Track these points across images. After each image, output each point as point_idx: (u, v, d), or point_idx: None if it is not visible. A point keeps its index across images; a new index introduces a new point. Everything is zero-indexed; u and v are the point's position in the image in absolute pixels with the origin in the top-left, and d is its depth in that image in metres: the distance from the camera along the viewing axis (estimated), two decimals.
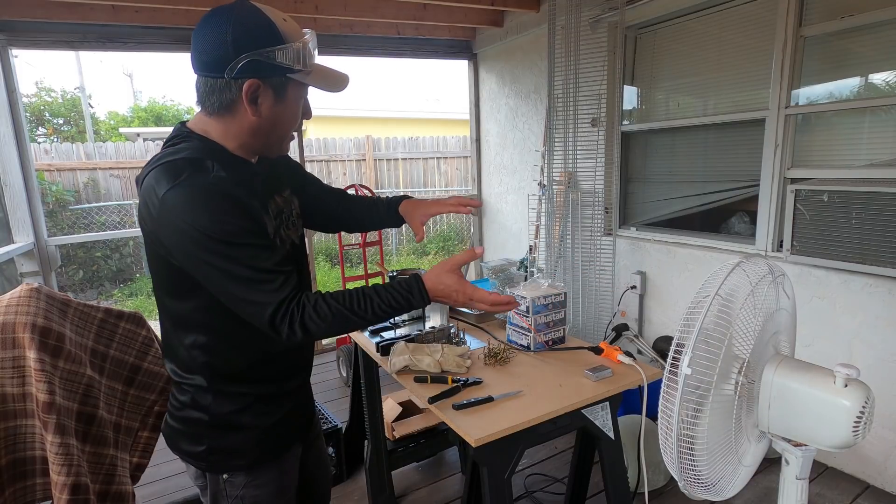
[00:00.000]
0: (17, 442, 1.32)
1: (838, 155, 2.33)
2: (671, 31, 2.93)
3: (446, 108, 11.85)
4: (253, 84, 0.94)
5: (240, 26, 0.91)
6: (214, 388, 1.10)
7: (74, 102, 10.04)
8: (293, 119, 1.04)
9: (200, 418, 1.12)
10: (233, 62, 0.91)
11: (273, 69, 0.94)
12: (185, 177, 0.92)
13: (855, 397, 0.93)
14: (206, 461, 1.15)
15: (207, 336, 1.07)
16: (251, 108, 0.96)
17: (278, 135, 1.05)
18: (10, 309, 1.29)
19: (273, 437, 1.17)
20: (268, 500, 1.17)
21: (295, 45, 0.95)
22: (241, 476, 1.15)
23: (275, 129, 1.02)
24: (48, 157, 6.79)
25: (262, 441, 1.15)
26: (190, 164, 0.94)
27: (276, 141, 1.06)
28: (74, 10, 2.95)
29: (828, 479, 2.31)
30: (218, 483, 1.16)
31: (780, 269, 1.11)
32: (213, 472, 1.15)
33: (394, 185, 8.64)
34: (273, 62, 0.93)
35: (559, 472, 2.40)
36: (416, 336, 1.66)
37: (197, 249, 0.93)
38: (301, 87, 1.01)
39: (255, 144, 1.04)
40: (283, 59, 0.94)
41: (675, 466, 1.02)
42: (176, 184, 0.91)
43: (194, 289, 1.00)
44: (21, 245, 3.03)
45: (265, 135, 1.02)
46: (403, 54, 4.14)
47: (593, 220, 3.20)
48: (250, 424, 1.13)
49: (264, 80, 0.95)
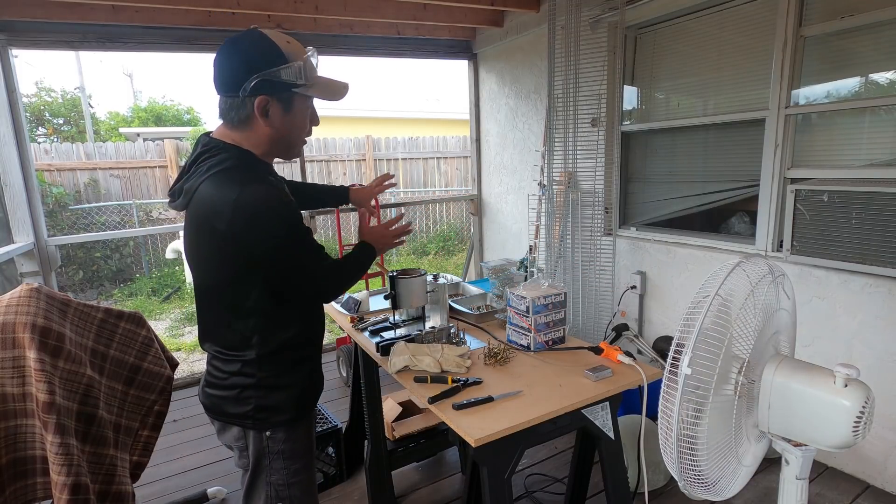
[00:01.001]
0: (17, 441, 1.33)
1: (838, 155, 2.33)
2: (671, 31, 2.93)
3: (446, 108, 11.84)
4: (263, 100, 1.13)
5: (249, 52, 1.12)
6: (261, 359, 1.26)
7: (74, 102, 10.04)
8: (302, 127, 1.23)
9: (248, 383, 1.27)
10: (245, 83, 1.11)
11: (279, 86, 1.13)
12: (248, 180, 1.12)
13: (855, 397, 0.93)
14: (252, 419, 1.29)
15: (262, 320, 1.24)
16: (264, 121, 1.16)
17: (291, 141, 1.24)
18: (10, 309, 1.29)
19: (306, 394, 1.36)
20: (302, 453, 1.36)
21: (296, 63, 1.13)
22: (281, 432, 1.31)
23: (287, 137, 1.22)
24: (48, 157, 6.79)
25: (298, 398, 1.33)
26: (245, 170, 1.15)
27: (291, 146, 1.26)
28: (74, 10, 2.95)
29: (828, 479, 2.31)
30: (262, 440, 1.30)
31: (780, 269, 1.11)
32: (257, 430, 1.30)
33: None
34: (279, 80, 1.12)
35: (559, 472, 2.40)
36: (416, 336, 1.66)
37: (278, 238, 1.14)
38: (306, 98, 1.20)
39: (274, 151, 1.24)
40: (288, 77, 1.13)
41: (675, 466, 1.02)
42: (243, 189, 1.10)
43: (257, 283, 1.19)
44: (21, 245, 3.03)
45: (279, 142, 1.21)
46: (403, 54, 4.13)
47: (593, 220, 3.20)
48: (289, 383, 1.31)
49: (273, 96, 1.14)
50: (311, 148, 7.97)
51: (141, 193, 7.21)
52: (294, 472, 1.35)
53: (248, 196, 1.09)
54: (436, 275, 1.83)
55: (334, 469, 2.38)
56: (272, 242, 1.13)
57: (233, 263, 1.17)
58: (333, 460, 2.37)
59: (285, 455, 1.33)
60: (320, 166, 8.04)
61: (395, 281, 1.71)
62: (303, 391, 1.35)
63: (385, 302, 1.76)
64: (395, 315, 1.86)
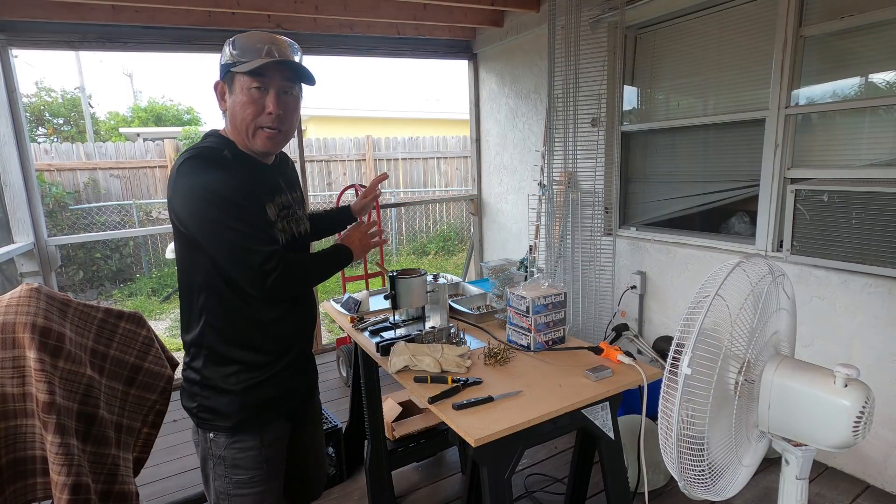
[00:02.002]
0: (17, 441, 1.32)
1: (838, 155, 2.33)
2: (671, 31, 2.93)
3: (446, 108, 11.85)
4: (217, 85, 1.24)
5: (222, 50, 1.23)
6: (207, 351, 1.27)
7: (74, 102, 10.04)
8: (242, 106, 1.21)
9: (194, 378, 1.30)
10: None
11: (223, 69, 1.21)
12: (200, 151, 1.19)
13: (855, 397, 0.93)
14: (196, 417, 1.31)
15: (209, 298, 1.24)
16: (221, 104, 1.25)
17: (239, 125, 1.23)
18: (10, 309, 1.29)
19: (255, 406, 1.30)
20: (247, 465, 1.31)
21: (230, 44, 1.19)
22: (223, 437, 1.29)
23: (236, 120, 1.23)
24: (48, 157, 6.79)
25: (243, 408, 1.28)
26: (207, 147, 1.21)
27: (242, 131, 1.23)
28: (74, 10, 2.95)
29: (828, 479, 2.31)
30: (206, 441, 1.32)
31: (780, 269, 1.11)
32: (202, 430, 1.31)
33: (394, 186, 8.64)
34: (224, 63, 1.21)
35: (559, 472, 2.40)
36: (416, 336, 1.66)
37: (202, 206, 1.14)
38: (245, 79, 1.19)
39: (239, 137, 1.25)
40: (225, 59, 1.20)
41: (675, 466, 1.02)
42: (190, 155, 1.17)
43: (202, 262, 1.21)
44: (21, 245, 3.02)
45: (234, 125, 1.24)
46: (403, 54, 4.13)
47: (593, 220, 3.20)
48: (234, 389, 1.27)
49: (224, 80, 1.23)
50: (312, 148, 7.97)
51: (141, 193, 7.21)
52: (237, 483, 1.31)
53: (193, 160, 1.16)
54: (436, 275, 1.83)
55: (334, 469, 2.39)
56: (206, 219, 1.15)
57: (181, 238, 1.23)
58: (333, 460, 2.37)
59: (227, 462, 1.30)
60: (320, 166, 8.04)
61: (395, 281, 1.71)
62: (248, 401, 1.29)
63: (385, 302, 1.76)
64: (395, 315, 1.86)
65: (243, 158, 1.25)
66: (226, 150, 1.21)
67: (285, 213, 1.33)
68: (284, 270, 1.18)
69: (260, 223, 1.20)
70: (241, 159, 1.23)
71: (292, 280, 1.23)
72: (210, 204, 1.14)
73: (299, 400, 1.44)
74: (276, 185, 1.33)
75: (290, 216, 1.35)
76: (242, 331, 1.27)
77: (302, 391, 1.46)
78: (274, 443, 1.35)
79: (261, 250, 1.16)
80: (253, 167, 1.26)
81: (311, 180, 7.80)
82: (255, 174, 1.26)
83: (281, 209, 1.31)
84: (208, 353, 1.28)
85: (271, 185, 1.31)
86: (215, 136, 1.27)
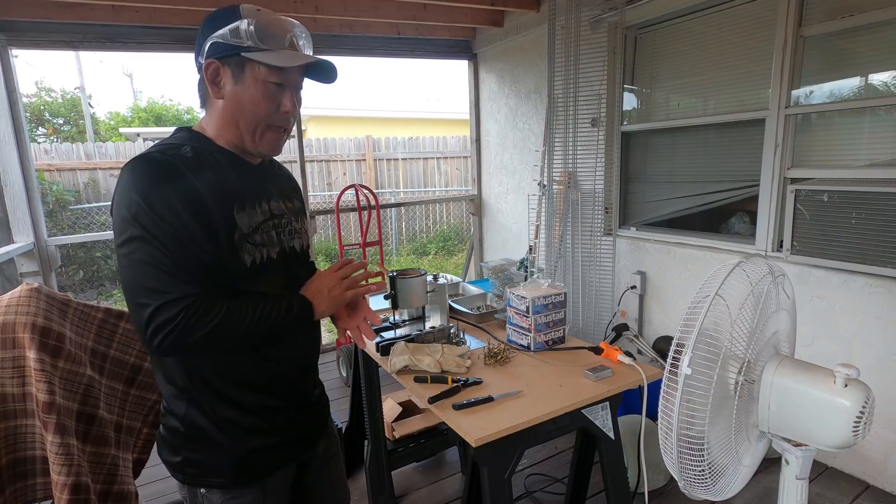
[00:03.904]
0: (17, 442, 1.33)
1: (838, 155, 2.33)
2: (671, 31, 2.93)
3: (446, 108, 11.85)
4: (212, 64, 0.98)
5: (211, 17, 0.98)
6: (188, 395, 1.03)
7: (74, 102, 10.04)
8: (256, 103, 1.00)
9: (177, 427, 1.05)
10: (201, 48, 0.98)
11: (227, 48, 0.96)
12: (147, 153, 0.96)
13: (855, 397, 0.93)
14: (182, 473, 1.08)
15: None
16: (213, 90, 0.99)
17: (246, 121, 1.01)
18: (10, 309, 1.29)
19: (254, 458, 1.09)
20: None
21: (246, 20, 0.96)
22: (218, 494, 1.07)
23: (241, 115, 1.01)
24: (48, 157, 6.79)
25: (241, 461, 1.07)
26: (166, 145, 1.00)
27: (248, 129, 1.02)
28: (74, 10, 2.95)
29: (828, 479, 2.31)
30: (196, 496, 1.09)
31: (780, 269, 1.11)
32: (189, 486, 1.09)
33: (394, 185, 8.64)
34: (227, 41, 0.96)
35: (559, 472, 2.40)
36: (416, 336, 1.66)
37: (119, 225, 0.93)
38: (263, 68, 0.98)
39: (231, 134, 1.03)
40: (235, 37, 0.96)
41: (675, 466, 1.02)
42: (133, 159, 0.94)
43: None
44: (21, 245, 3.03)
45: (234, 121, 1.01)
46: (403, 54, 4.13)
47: (593, 220, 3.20)
48: (225, 442, 1.05)
49: (222, 61, 0.98)
50: (311, 148, 7.97)
51: None
52: None
53: (131, 164, 0.94)
54: (436, 275, 1.83)
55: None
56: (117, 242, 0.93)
57: None
58: None
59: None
60: (320, 166, 8.04)
61: (395, 281, 1.71)
62: (245, 451, 1.07)
63: (385, 302, 1.76)
64: (395, 315, 1.85)
65: (216, 156, 1.02)
66: (187, 146, 0.99)
67: (274, 222, 1.08)
68: (181, 333, 0.90)
69: (180, 249, 0.91)
70: (212, 155, 1.01)
71: (192, 341, 0.92)
72: (126, 211, 0.91)
73: (309, 442, 1.22)
74: (263, 189, 1.09)
75: (280, 226, 1.10)
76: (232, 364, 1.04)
77: (311, 425, 1.22)
78: (277, 492, 1.14)
79: (148, 302, 0.89)
80: (234, 165, 1.04)
81: (311, 180, 7.80)
82: (232, 173, 1.03)
83: (267, 218, 1.07)
84: (189, 396, 1.03)
85: (255, 187, 1.07)
86: (183, 132, 1.04)
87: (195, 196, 0.94)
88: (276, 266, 1.07)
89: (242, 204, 1.02)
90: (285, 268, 1.10)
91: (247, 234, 1.01)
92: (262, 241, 1.04)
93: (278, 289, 1.08)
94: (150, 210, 0.90)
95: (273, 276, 1.07)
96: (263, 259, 1.04)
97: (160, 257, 0.90)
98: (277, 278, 1.08)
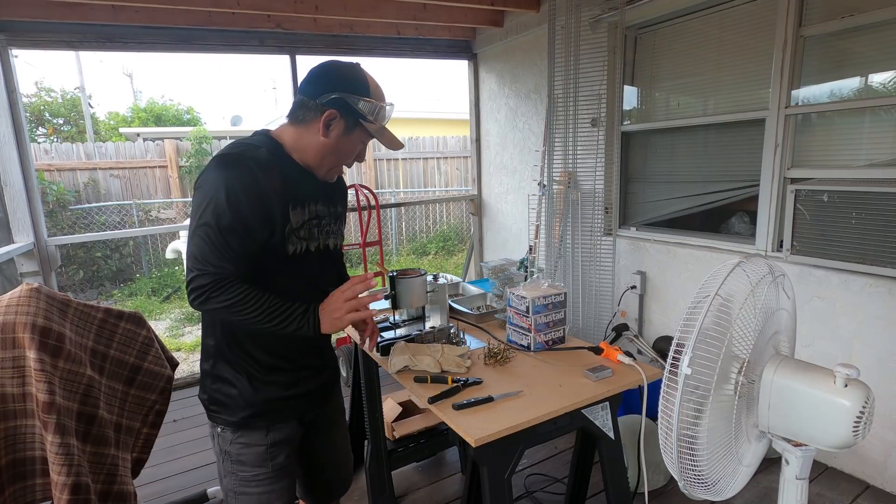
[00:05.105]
0: (17, 442, 1.32)
1: (838, 155, 2.33)
2: (671, 31, 2.93)
3: (446, 108, 11.84)
4: (332, 114, 1.22)
5: (343, 74, 1.25)
6: (218, 344, 1.28)
7: (74, 102, 10.04)
8: (349, 153, 1.30)
9: (206, 370, 1.32)
10: (326, 93, 1.21)
11: (351, 111, 1.22)
12: (230, 148, 1.21)
13: (855, 397, 0.93)
14: (207, 409, 1.34)
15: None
16: (323, 130, 1.23)
17: (333, 159, 1.29)
18: (10, 309, 1.29)
19: (262, 404, 1.30)
20: (251, 462, 1.31)
21: (377, 104, 1.24)
22: (230, 432, 1.30)
23: (333, 154, 1.27)
24: (48, 157, 6.79)
25: (250, 404, 1.29)
26: (247, 145, 1.22)
27: (329, 164, 1.29)
28: (74, 10, 2.95)
29: (828, 479, 2.31)
30: (216, 433, 1.33)
31: (780, 269, 1.11)
32: (212, 422, 1.33)
33: (394, 186, 8.64)
34: (354, 106, 1.22)
35: (559, 472, 2.40)
36: (416, 336, 1.66)
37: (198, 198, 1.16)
38: (365, 133, 1.27)
39: (312, 160, 1.27)
40: (363, 108, 1.23)
41: (675, 466, 1.02)
42: (220, 153, 1.19)
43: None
44: (21, 245, 3.02)
45: (324, 155, 1.27)
46: (403, 54, 4.13)
47: (593, 220, 3.20)
48: (242, 384, 1.28)
49: (342, 115, 1.22)
50: None
51: (141, 193, 7.21)
52: (243, 480, 1.31)
53: (209, 170, 1.17)
54: (436, 275, 1.83)
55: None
56: (193, 214, 1.18)
57: None
58: None
59: (232, 458, 1.31)
60: None
61: (395, 281, 1.71)
62: (255, 398, 1.29)
63: (385, 302, 1.76)
64: (395, 315, 1.85)
65: (286, 161, 1.25)
66: (263, 149, 1.21)
67: (316, 221, 1.31)
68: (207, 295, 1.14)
69: (233, 237, 1.14)
70: (282, 161, 1.23)
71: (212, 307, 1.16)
72: (206, 198, 1.14)
73: (312, 403, 1.41)
74: (317, 193, 1.30)
75: (320, 226, 1.33)
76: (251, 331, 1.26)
77: (316, 394, 1.41)
78: (281, 444, 1.33)
79: (194, 267, 1.15)
80: (297, 172, 1.26)
81: None
82: (294, 177, 1.25)
83: (312, 217, 1.29)
84: (219, 347, 1.29)
85: (310, 190, 1.29)
86: (262, 136, 1.27)
87: (260, 194, 1.16)
88: (311, 258, 1.31)
89: (296, 203, 1.25)
90: (319, 261, 1.34)
91: (295, 228, 1.25)
92: (305, 236, 1.28)
93: (310, 277, 1.32)
94: (220, 204, 1.13)
95: (307, 265, 1.30)
96: (302, 250, 1.28)
97: (215, 239, 1.14)
98: (310, 268, 1.31)
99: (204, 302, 1.16)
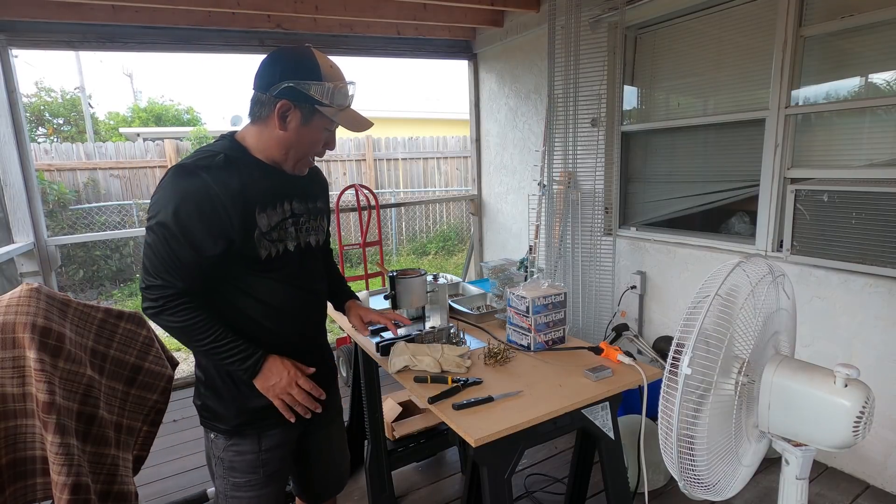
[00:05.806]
0: (17, 442, 1.32)
1: (838, 155, 2.33)
2: (671, 31, 2.93)
3: (446, 108, 11.84)
4: (285, 104, 1.16)
5: (290, 60, 1.17)
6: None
7: (74, 102, 10.04)
8: (313, 143, 1.24)
9: (199, 376, 1.33)
10: (276, 84, 1.16)
11: (304, 98, 1.17)
12: (188, 158, 1.16)
13: (855, 397, 0.93)
14: (200, 416, 1.34)
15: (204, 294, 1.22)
16: (280, 124, 1.18)
17: (297, 152, 1.24)
18: (10, 309, 1.29)
19: (253, 412, 1.29)
20: (244, 469, 1.31)
21: (328, 84, 1.18)
22: (222, 439, 1.30)
23: (296, 147, 1.22)
24: (48, 157, 6.79)
25: (242, 412, 1.28)
26: (206, 152, 1.18)
27: (295, 157, 1.25)
28: (74, 10, 2.95)
29: (828, 479, 2.31)
30: (209, 439, 1.34)
31: (780, 269, 1.11)
32: (205, 428, 1.34)
33: (394, 185, 8.64)
34: (306, 92, 1.16)
35: (559, 472, 2.40)
36: (416, 336, 1.66)
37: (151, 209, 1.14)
38: (326, 119, 1.21)
39: (277, 155, 1.23)
40: (316, 93, 1.17)
41: (675, 466, 1.02)
42: (183, 161, 1.16)
43: None
44: (21, 245, 3.02)
45: (286, 149, 1.22)
46: (403, 54, 4.13)
47: (593, 220, 3.20)
48: (230, 395, 1.28)
49: (296, 105, 1.17)
50: None
51: (141, 193, 7.21)
52: (234, 485, 1.32)
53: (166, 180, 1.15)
54: (436, 275, 1.83)
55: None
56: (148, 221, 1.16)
57: None
58: None
59: (224, 464, 1.31)
60: (320, 166, 8.01)
61: (395, 281, 1.71)
62: (246, 405, 1.28)
63: (385, 302, 1.76)
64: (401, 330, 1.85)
65: (249, 164, 1.20)
66: (222, 155, 1.17)
67: (292, 220, 1.27)
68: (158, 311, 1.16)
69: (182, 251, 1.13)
70: (244, 165, 1.19)
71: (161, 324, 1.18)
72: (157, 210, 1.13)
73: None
74: (290, 191, 1.27)
75: (298, 224, 1.29)
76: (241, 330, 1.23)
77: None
78: (274, 449, 1.33)
79: (146, 278, 1.15)
80: (264, 172, 1.22)
81: None
82: (260, 179, 1.20)
83: (287, 216, 1.26)
84: None
85: (282, 189, 1.25)
86: (225, 140, 1.23)
87: (214, 207, 1.12)
88: (291, 257, 1.28)
89: (264, 206, 1.21)
90: (300, 260, 1.31)
91: (265, 232, 1.21)
92: (278, 237, 1.24)
93: (291, 277, 1.29)
94: (171, 216, 1.10)
95: (287, 265, 1.28)
96: (279, 252, 1.25)
97: (162, 250, 1.12)
98: (291, 267, 1.29)
99: (154, 316, 1.17)
